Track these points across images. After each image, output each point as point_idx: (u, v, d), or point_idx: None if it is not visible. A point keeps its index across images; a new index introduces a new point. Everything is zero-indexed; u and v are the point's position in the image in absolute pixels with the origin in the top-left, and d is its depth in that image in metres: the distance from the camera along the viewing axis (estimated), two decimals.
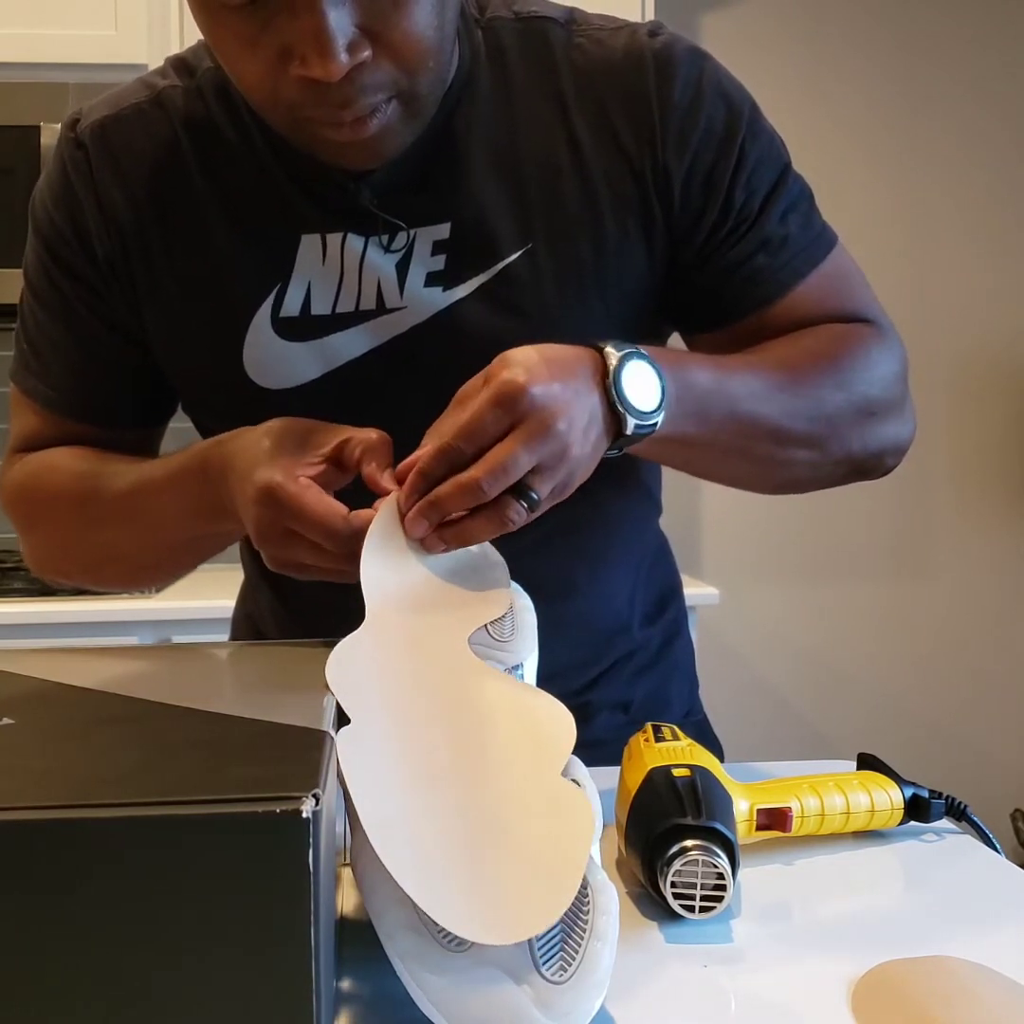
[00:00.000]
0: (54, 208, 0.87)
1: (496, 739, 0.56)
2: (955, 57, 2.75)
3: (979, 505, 2.81)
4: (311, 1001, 0.42)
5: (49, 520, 0.91)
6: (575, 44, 0.84)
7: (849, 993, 0.55)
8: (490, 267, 0.83)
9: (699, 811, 0.63)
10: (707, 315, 0.88)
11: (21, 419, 0.94)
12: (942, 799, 0.75)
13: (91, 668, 0.66)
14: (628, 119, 0.83)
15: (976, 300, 2.78)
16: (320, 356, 0.84)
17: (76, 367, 0.90)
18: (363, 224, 0.83)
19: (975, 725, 2.82)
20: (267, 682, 0.64)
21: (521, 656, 0.65)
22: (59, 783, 0.44)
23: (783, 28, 2.70)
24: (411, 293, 0.83)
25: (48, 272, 0.88)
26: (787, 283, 0.86)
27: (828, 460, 0.85)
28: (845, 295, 0.89)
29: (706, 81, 0.84)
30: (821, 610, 2.78)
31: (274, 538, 0.70)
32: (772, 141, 0.88)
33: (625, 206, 0.84)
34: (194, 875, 0.41)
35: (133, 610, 2.01)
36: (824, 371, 0.83)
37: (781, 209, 0.86)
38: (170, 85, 0.86)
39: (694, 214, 0.84)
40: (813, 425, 0.82)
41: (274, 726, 0.52)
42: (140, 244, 0.85)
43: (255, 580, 1.02)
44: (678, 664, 1.04)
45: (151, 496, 0.83)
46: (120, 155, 0.85)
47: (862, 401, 0.85)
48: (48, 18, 2.16)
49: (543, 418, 0.65)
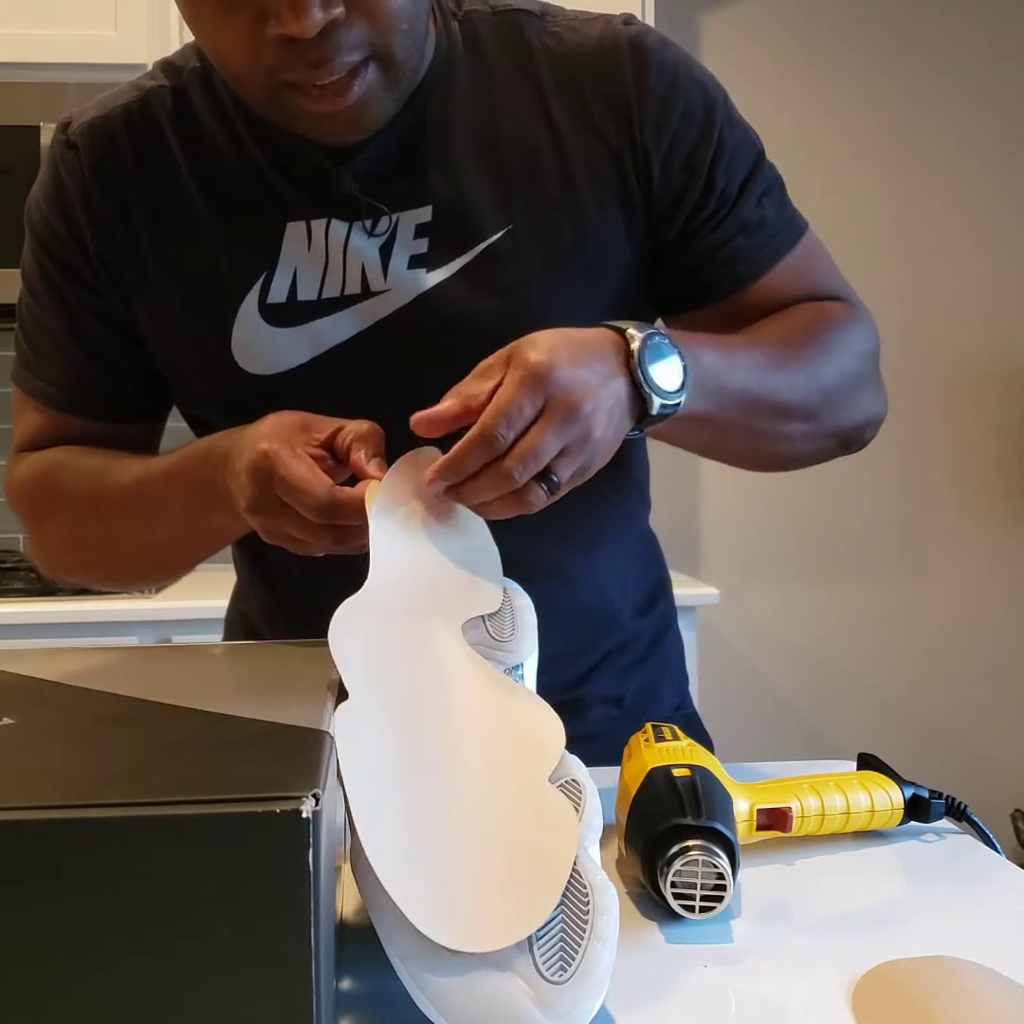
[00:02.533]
0: (48, 208, 0.89)
1: (485, 740, 0.56)
2: (953, 56, 2.75)
3: (979, 505, 2.81)
4: (311, 1001, 0.42)
5: (56, 516, 0.92)
6: (550, 32, 0.87)
7: (849, 993, 0.55)
8: (472, 247, 0.85)
9: (699, 811, 0.63)
10: (687, 296, 0.91)
11: (24, 419, 0.95)
12: (942, 799, 0.75)
13: (91, 668, 0.66)
14: (605, 102, 0.85)
15: (975, 299, 2.78)
16: (307, 341, 0.86)
17: (75, 363, 0.91)
18: (346, 210, 0.84)
19: (975, 725, 2.82)
20: (267, 682, 0.64)
21: (521, 656, 0.65)
22: (59, 783, 0.44)
23: (783, 28, 2.70)
24: (395, 276, 0.85)
25: (44, 271, 0.90)
26: (765, 264, 0.89)
27: (822, 432, 0.88)
28: (818, 274, 0.93)
29: (682, 68, 0.87)
30: (821, 610, 2.78)
31: (265, 507, 0.72)
32: (747, 129, 0.91)
33: (604, 187, 0.86)
34: (194, 875, 0.41)
35: (133, 610, 2.01)
36: (813, 347, 0.87)
37: (758, 193, 0.89)
38: (157, 85, 0.88)
39: (674, 194, 0.87)
40: (811, 397, 0.86)
41: (274, 726, 0.52)
42: (129, 240, 0.87)
43: (248, 578, 1.03)
44: (669, 659, 1.06)
45: (154, 490, 0.84)
46: (108, 154, 0.87)
47: (848, 374, 0.89)
48: (48, 18, 2.16)
49: (571, 402, 0.66)
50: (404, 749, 0.54)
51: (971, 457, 2.79)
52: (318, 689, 0.58)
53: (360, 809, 0.50)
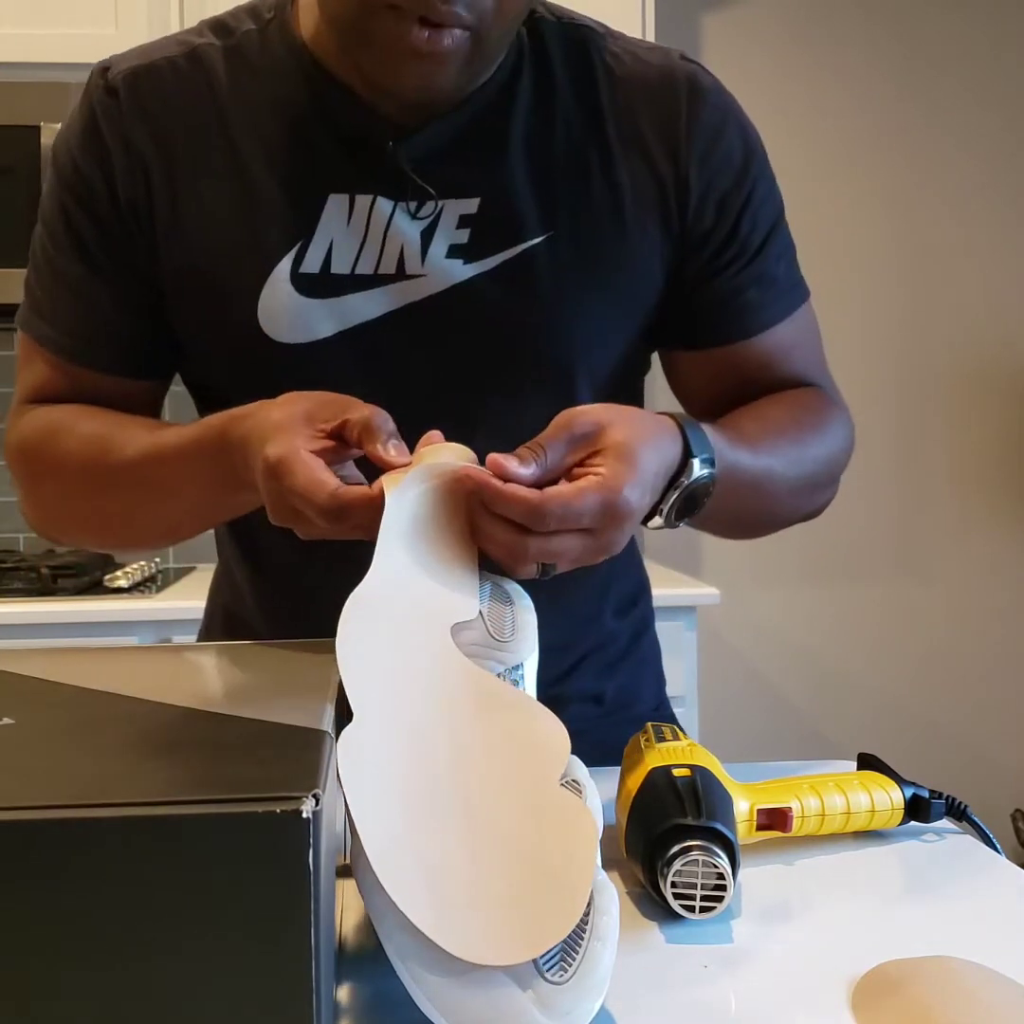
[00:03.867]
0: (80, 154, 0.87)
1: (494, 749, 0.56)
2: (954, 56, 2.75)
3: (979, 505, 2.81)
4: (311, 1001, 0.42)
5: (54, 480, 0.91)
6: (612, 52, 0.89)
7: (849, 993, 0.55)
8: (512, 247, 0.86)
9: (699, 811, 0.63)
10: (685, 334, 0.94)
11: (30, 368, 0.93)
12: (942, 799, 0.75)
13: (91, 668, 0.66)
14: (657, 130, 0.88)
15: (976, 299, 2.78)
16: (335, 315, 0.86)
17: (90, 312, 0.89)
18: (394, 189, 0.85)
19: (975, 725, 2.82)
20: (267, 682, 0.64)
21: (521, 656, 0.65)
22: (59, 783, 0.44)
23: (783, 28, 2.70)
24: (432, 262, 0.85)
25: (68, 217, 0.88)
26: (767, 322, 0.93)
27: (802, 512, 0.95)
28: (808, 349, 0.97)
29: (731, 113, 0.90)
30: (821, 610, 2.78)
31: (284, 515, 0.71)
32: (775, 186, 0.94)
33: (647, 210, 0.88)
34: (194, 875, 0.41)
35: (133, 610, 2.01)
36: (809, 443, 0.92)
37: (777, 251, 0.93)
38: (207, 43, 0.88)
39: (703, 232, 0.89)
40: (800, 485, 0.92)
41: (274, 726, 0.52)
42: (167, 185, 0.86)
43: (233, 561, 1.01)
44: (647, 659, 1.07)
45: (165, 465, 0.83)
46: (152, 102, 0.86)
47: (830, 467, 0.95)
48: (48, 18, 2.16)
49: (617, 540, 0.69)
50: (411, 765, 0.53)
51: (971, 457, 2.79)
52: (318, 689, 0.58)
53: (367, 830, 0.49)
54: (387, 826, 0.50)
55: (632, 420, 0.72)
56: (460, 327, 0.86)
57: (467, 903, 0.48)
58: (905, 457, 2.74)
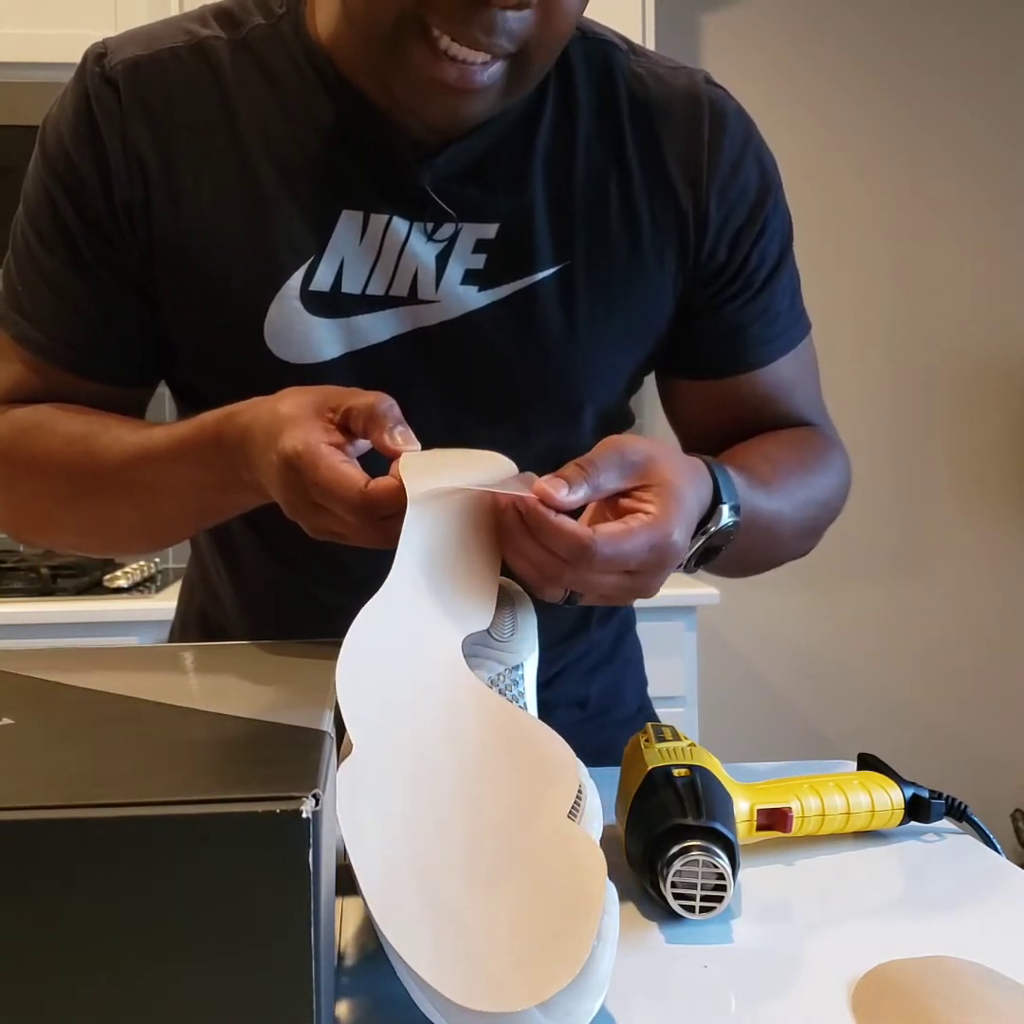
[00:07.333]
0: (73, 145, 0.81)
1: (501, 784, 0.54)
2: (952, 59, 2.75)
3: (979, 505, 2.81)
4: (311, 1001, 0.42)
5: (34, 483, 0.86)
6: (635, 72, 0.87)
7: (849, 993, 0.55)
8: (527, 276, 0.83)
9: (699, 811, 0.63)
10: (687, 364, 0.92)
11: (6, 368, 0.87)
12: (942, 799, 0.75)
13: (91, 668, 0.66)
14: (679, 155, 0.86)
15: (975, 300, 2.78)
16: (343, 335, 0.83)
17: (76, 315, 0.84)
18: (412, 208, 0.81)
19: (975, 725, 2.82)
20: (267, 682, 0.64)
21: (522, 656, 0.65)
22: (59, 783, 0.44)
23: (782, 29, 2.70)
24: (447, 288, 0.83)
25: (57, 211, 0.82)
26: (769, 357, 0.91)
27: (797, 554, 0.95)
28: (807, 386, 0.96)
29: (752, 143, 0.88)
30: (821, 610, 2.78)
31: (303, 510, 0.68)
32: (787, 218, 0.92)
33: (664, 237, 0.86)
34: (194, 875, 0.41)
35: (133, 610, 2.01)
36: (813, 486, 0.92)
37: (782, 285, 0.91)
38: (212, 36, 0.83)
39: (717, 264, 0.88)
40: (804, 528, 0.92)
41: (274, 726, 0.52)
42: (167, 185, 0.81)
43: (209, 563, 0.98)
44: (629, 660, 1.06)
45: (154, 466, 0.79)
46: (154, 98, 0.81)
47: (829, 510, 0.96)
48: (48, 18, 2.16)
49: (654, 585, 0.68)
50: (415, 800, 0.52)
51: (971, 457, 2.79)
52: (318, 689, 0.58)
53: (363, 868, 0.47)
54: (387, 864, 0.48)
55: (675, 458, 0.71)
56: (469, 355, 0.83)
57: (469, 947, 0.47)
58: (904, 457, 2.74)
